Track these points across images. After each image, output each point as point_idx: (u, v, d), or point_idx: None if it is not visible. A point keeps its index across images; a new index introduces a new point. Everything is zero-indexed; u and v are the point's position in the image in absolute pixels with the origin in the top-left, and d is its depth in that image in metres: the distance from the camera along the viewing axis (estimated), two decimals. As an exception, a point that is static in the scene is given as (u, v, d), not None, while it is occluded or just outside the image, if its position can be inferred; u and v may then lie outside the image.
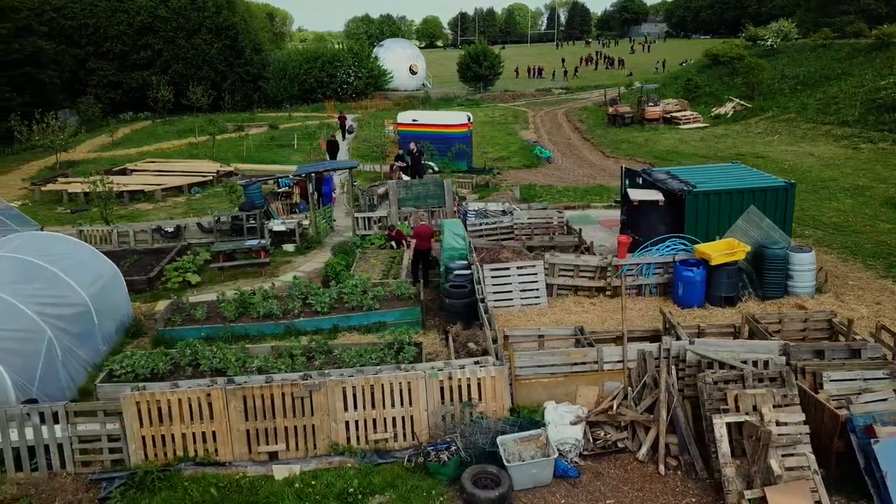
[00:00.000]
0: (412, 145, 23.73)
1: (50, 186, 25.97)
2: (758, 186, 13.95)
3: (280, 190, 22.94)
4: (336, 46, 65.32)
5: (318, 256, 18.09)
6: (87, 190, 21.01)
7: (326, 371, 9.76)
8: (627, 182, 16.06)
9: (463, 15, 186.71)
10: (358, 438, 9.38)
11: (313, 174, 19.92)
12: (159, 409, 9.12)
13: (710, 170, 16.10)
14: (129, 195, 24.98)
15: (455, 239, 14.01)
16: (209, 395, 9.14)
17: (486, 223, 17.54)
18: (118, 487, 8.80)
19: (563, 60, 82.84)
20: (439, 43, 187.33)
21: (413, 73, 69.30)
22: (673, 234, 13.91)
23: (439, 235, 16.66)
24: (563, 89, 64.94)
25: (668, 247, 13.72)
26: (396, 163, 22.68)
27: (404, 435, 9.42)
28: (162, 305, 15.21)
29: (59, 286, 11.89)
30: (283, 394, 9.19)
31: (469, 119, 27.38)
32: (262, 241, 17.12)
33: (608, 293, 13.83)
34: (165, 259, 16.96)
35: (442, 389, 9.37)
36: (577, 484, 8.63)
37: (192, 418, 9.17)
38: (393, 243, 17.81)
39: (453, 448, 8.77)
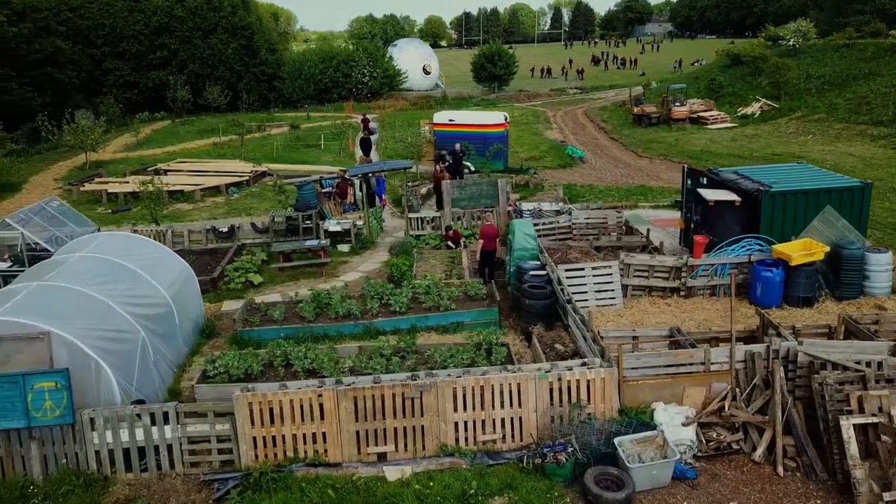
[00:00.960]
0: (457, 146, 23.70)
1: (89, 186, 25.91)
2: (834, 186, 13.94)
3: (324, 190, 22.88)
4: (350, 47, 65.03)
5: (373, 257, 18.08)
6: (137, 190, 20.97)
7: (434, 372, 9.73)
8: (690, 182, 16.04)
9: (467, 15, 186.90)
10: (466, 439, 9.36)
11: (358, 175, 19.92)
12: (270, 410, 9.10)
13: (778, 170, 16.06)
14: (169, 195, 24.93)
15: (526, 239, 13.98)
16: (320, 395, 9.12)
17: (544, 223, 17.51)
18: (235, 488, 8.77)
19: (570, 61, 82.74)
20: (443, 43, 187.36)
21: (427, 73, 69.35)
22: (748, 234, 13.89)
23: (502, 236, 16.69)
24: (578, 89, 64.94)
25: (742, 247, 13.71)
26: (440, 164, 22.65)
27: (512, 436, 9.41)
28: (227, 306, 15.23)
29: (144, 286, 11.86)
30: (393, 395, 9.18)
31: (506, 119, 27.36)
32: (323, 242, 17.10)
33: (682, 294, 13.81)
34: (225, 259, 16.94)
35: (551, 391, 9.36)
36: (695, 485, 8.60)
37: (302, 419, 9.15)
38: (449, 243, 17.79)
39: (570, 449, 8.74)
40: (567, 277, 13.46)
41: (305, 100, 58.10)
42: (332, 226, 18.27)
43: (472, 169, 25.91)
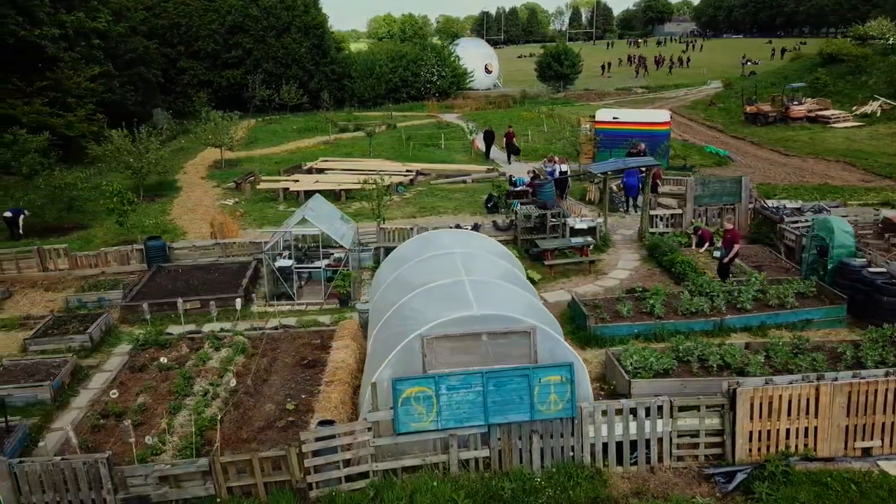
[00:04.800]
0: (642, 144, 23.82)
1: (264, 185, 25.95)
2: None
3: (516, 189, 22.85)
4: (416, 48, 64.89)
5: (623, 254, 18.08)
6: (363, 187, 21.03)
7: (913, 366, 9.79)
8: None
9: (486, 14, 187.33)
10: (951, 434, 9.42)
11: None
12: (770, 404, 9.14)
13: None
14: (345, 193, 24.98)
15: (846, 237, 14.03)
16: (818, 390, 9.16)
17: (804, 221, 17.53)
18: (744, 482, 8.79)
19: (608, 65, 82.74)
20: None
21: (488, 72, 69.66)
22: None
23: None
24: (644, 88, 64.99)
25: None
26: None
27: None
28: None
29: (517, 280, 11.90)
30: (886, 390, 9.22)
31: (669, 117, 27.42)
32: (588, 240, 17.14)
33: None
34: (492, 256, 16.95)
35: None
36: None
37: (798, 413, 9.18)
38: (695, 240, 17.84)
39: None
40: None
41: (375, 99, 58.29)
42: (578, 224, 18.29)
43: (637, 167, 25.99)
